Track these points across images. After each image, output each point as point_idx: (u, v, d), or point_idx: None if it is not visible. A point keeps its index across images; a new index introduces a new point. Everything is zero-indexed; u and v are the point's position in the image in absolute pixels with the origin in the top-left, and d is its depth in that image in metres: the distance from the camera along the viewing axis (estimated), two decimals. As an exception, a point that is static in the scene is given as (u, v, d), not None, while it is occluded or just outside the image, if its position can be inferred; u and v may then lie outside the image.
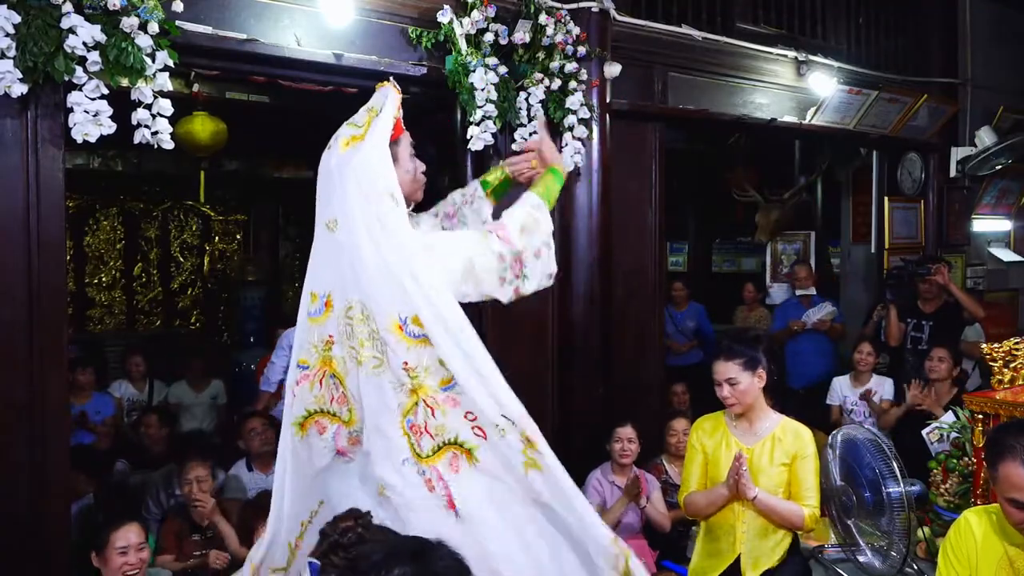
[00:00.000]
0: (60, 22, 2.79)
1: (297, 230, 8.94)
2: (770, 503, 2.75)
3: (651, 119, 4.63)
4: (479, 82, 3.74)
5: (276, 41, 3.47)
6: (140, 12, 2.89)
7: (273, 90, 5.05)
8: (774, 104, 5.30)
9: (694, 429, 3.02)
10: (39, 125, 2.92)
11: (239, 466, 4.14)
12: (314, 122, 6.48)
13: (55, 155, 2.96)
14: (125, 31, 2.87)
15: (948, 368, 4.44)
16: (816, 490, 2.82)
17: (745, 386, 2.79)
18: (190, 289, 8.27)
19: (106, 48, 2.86)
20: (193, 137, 4.99)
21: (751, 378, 2.80)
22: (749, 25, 5.22)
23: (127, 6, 2.87)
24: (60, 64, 2.80)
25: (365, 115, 2.22)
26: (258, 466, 4.11)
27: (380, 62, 3.73)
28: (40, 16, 2.77)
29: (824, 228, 7.19)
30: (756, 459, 2.82)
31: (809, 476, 2.81)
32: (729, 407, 2.86)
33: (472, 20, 3.76)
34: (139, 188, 7.88)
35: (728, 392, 2.80)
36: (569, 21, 4.04)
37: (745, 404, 2.82)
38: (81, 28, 2.81)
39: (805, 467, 2.81)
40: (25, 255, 2.92)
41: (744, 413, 2.86)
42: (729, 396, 2.80)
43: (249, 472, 4.10)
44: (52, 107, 2.92)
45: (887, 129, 5.90)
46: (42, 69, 2.79)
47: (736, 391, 2.79)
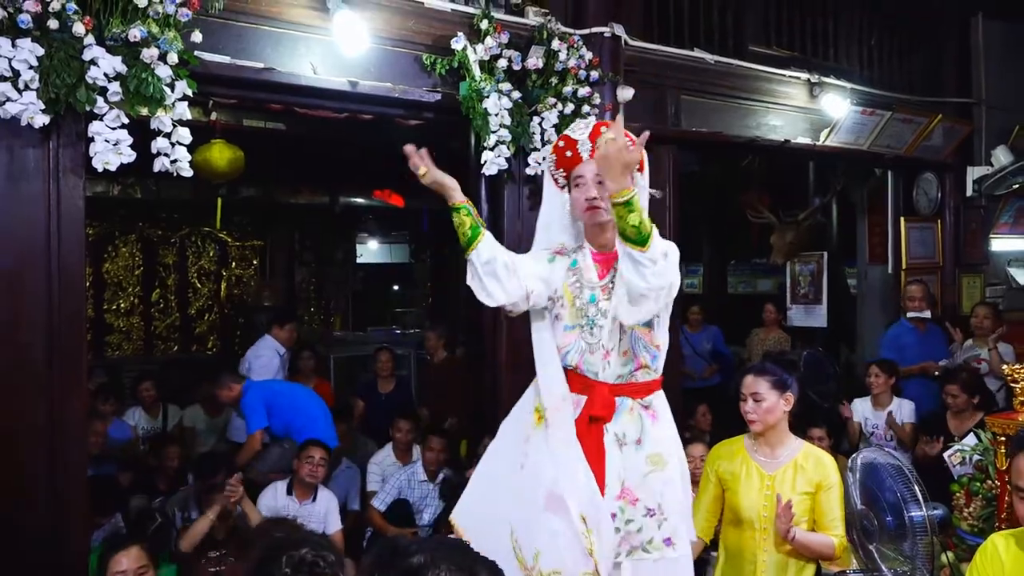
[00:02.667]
0: (82, 54, 2.85)
1: (313, 255, 9.02)
2: (805, 540, 2.69)
3: (665, 142, 4.65)
4: (493, 107, 3.77)
5: (292, 69, 3.52)
6: (160, 43, 2.94)
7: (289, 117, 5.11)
8: (787, 126, 5.31)
9: (711, 456, 2.95)
10: (60, 154, 2.97)
11: (276, 487, 4.11)
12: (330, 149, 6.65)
13: (76, 184, 3.01)
14: (145, 62, 2.92)
15: (964, 400, 4.39)
16: (841, 518, 2.77)
17: (769, 405, 2.74)
18: (207, 314, 8.34)
19: (126, 78, 2.91)
20: (211, 164, 5.05)
21: (778, 399, 2.75)
22: (761, 48, 5.25)
23: (147, 37, 2.92)
24: (82, 95, 2.85)
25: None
26: (298, 493, 4.09)
27: (395, 89, 3.77)
28: (63, 48, 2.83)
29: (839, 249, 7.15)
30: (778, 486, 2.75)
31: (835, 506, 2.76)
32: (749, 423, 2.79)
33: (486, 47, 3.80)
34: (157, 215, 7.99)
35: (751, 408, 2.75)
36: (582, 46, 4.07)
37: (766, 424, 2.76)
38: (102, 59, 2.86)
39: (831, 497, 2.75)
40: (46, 281, 2.96)
41: (764, 435, 2.80)
42: (751, 412, 2.75)
43: (287, 496, 4.08)
44: (74, 137, 2.97)
45: (902, 149, 5.88)
46: (64, 100, 2.84)
47: (760, 408, 2.73)
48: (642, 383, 2.31)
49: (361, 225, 9.47)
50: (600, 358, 2.27)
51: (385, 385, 5.72)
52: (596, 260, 2.33)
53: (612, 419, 2.27)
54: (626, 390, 2.29)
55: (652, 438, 2.29)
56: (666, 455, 2.30)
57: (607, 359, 2.27)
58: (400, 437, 4.66)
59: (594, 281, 2.30)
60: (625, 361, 2.28)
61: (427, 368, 6.30)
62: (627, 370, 2.29)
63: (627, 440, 2.27)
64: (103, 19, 2.91)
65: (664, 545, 2.26)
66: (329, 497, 4.17)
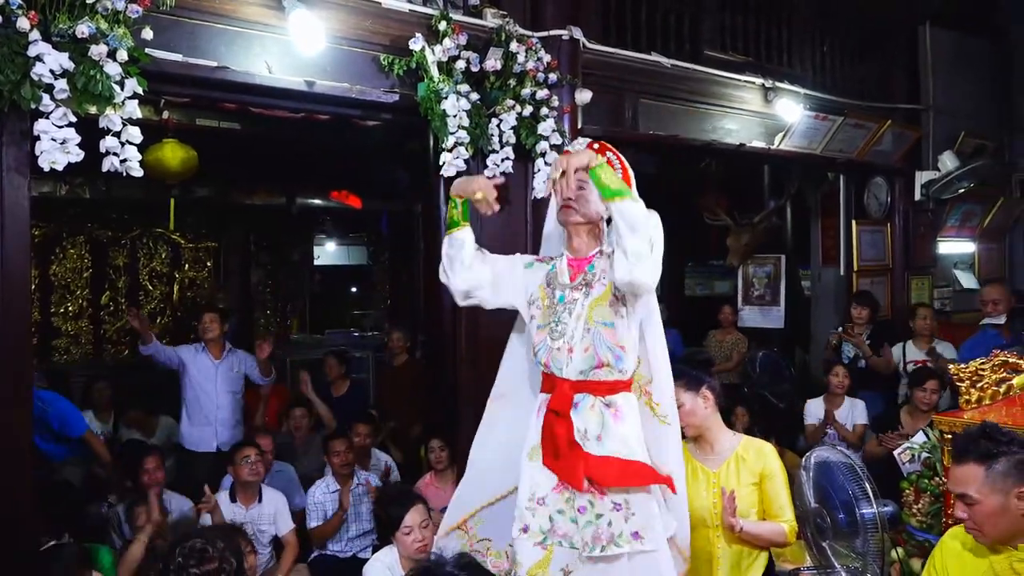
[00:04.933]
0: (27, 49, 2.77)
1: (269, 257, 8.89)
2: (754, 531, 2.75)
3: (622, 145, 4.65)
4: (451, 109, 3.77)
5: (247, 68, 3.47)
6: (109, 40, 2.88)
7: (244, 117, 5.05)
8: (743, 130, 5.40)
9: None
10: (4, 153, 2.89)
11: (220, 497, 4.02)
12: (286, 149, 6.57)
13: (20, 183, 2.93)
14: (94, 59, 2.86)
15: (936, 400, 4.50)
16: (789, 504, 2.83)
17: (689, 407, 2.78)
18: (159, 318, 8.16)
19: (74, 76, 2.84)
20: (163, 164, 4.95)
21: (695, 398, 2.80)
22: (717, 52, 5.33)
23: (96, 34, 2.86)
24: (27, 92, 2.77)
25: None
26: (242, 498, 4.02)
27: (352, 89, 3.75)
28: (6, 44, 2.75)
29: (794, 251, 7.30)
30: (724, 481, 2.81)
31: (781, 492, 2.82)
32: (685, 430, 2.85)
33: (444, 48, 3.80)
34: (107, 216, 7.79)
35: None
36: (540, 49, 4.10)
37: (694, 426, 2.81)
38: (48, 56, 2.79)
39: (775, 484, 2.82)
40: (-11, 285, 2.87)
41: (700, 436, 2.86)
42: (681, 418, 2.80)
43: (232, 504, 4.00)
44: (18, 135, 2.89)
45: (853, 154, 6.02)
46: (8, 97, 2.77)
47: (681, 413, 2.74)
48: (604, 382, 2.39)
49: (318, 226, 9.36)
50: (564, 354, 2.38)
51: (337, 389, 5.67)
52: (570, 264, 2.48)
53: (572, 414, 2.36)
54: (587, 387, 2.38)
55: (614, 435, 2.36)
56: (627, 454, 2.37)
57: (570, 355, 2.37)
58: (357, 441, 4.61)
59: (565, 282, 2.45)
60: (586, 358, 2.37)
61: (386, 371, 6.26)
62: (588, 367, 2.37)
63: (588, 436, 2.35)
64: (49, 14, 2.84)
65: (632, 539, 2.33)
66: (275, 496, 4.12)
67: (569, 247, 2.50)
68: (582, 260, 2.46)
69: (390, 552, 3.13)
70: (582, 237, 2.47)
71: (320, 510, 4.16)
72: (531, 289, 2.50)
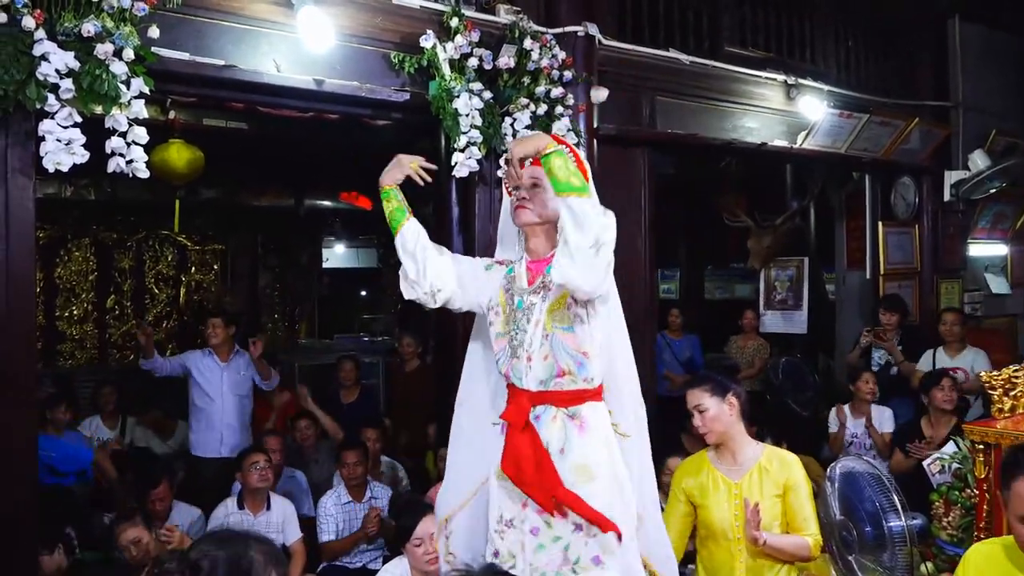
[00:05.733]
0: (32, 49, 2.80)
1: (276, 260, 8.94)
2: (778, 544, 2.73)
3: (639, 144, 4.68)
4: (463, 108, 3.77)
5: (255, 67, 3.49)
6: (115, 39, 2.91)
7: (252, 117, 5.08)
8: (764, 128, 5.37)
9: (677, 474, 3.00)
10: (9, 154, 2.91)
11: (227, 504, 4.05)
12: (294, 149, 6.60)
13: (25, 185, 2.95)
14: (99, 58, 2.88)
15: (956, 397, 4.48)
16: (814, 516, 2.82)
17: (714, 413, 2.81)
18: (165, 322, 8.22)
19: (79, 75, 2.87)
20: (169, 165, 4.99)
21: (720, 404, 2.81)
22: (737, 48, 5.31)
23: (102, 33, 2.89)
24: (32, 92, 2.80)
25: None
26: (250, 505, 4.03)
27: (362, 88, 3.76)
28: (11, 43, 2.78)
29: (818, 254, 7.25)
30: (746, 493, 2.80)
31: (805, 504, 2.80)
32: (704, 437, 2.87)
33: (456, 45, 3.80)
34: (113, 218, 7.86)
35: (699, 420, 2.83)
36: (555, 46, 4.09)
37: (717, 432, 2.83)
38: (54, 55, 2.82)
39: (799, 496, 2.80)
40: (-7, 288, 2.90)
41: (723, 443, 2.86)
42: (700, 425, 2.83)
43: (240, 511, 4.02)
44: (23, 136, 2.92)
45: (879, 153, 5.98)
46: (13, 97, 2.80)
47: (705, 418, 2.81)
48: (567, 392, 2.29)
49: (327, 228, 9.40)
50: (524, 363, 2.30)
51: (348, 395, 5.68)
52: (528, 267, 2.39)
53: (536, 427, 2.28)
54: (549, 398, 2.29)
55: (577, 449, 2.26)
56: (594, 467, 2.27)
57: (529, 363, 2.29)
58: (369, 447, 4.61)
59: (523, 287, 2.36)
60: (546, 367, 2.27)
61: (396, 377, 6.26)
62: (548, 376, 2.28)
63: (551, 449, 2.26)
64: (55, 13, 2.87)
65: (593, 565, 2.23)
66: (284, 504, 4.13)
67: (526, 248, 2.41)
68: (540, 262, 2.36)
69: (400, 563, 3.13)
70: (539, 238, 2.37)
71: (332, 522, 4.16)
72: (490, 293, 2.41)
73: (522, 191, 2.31)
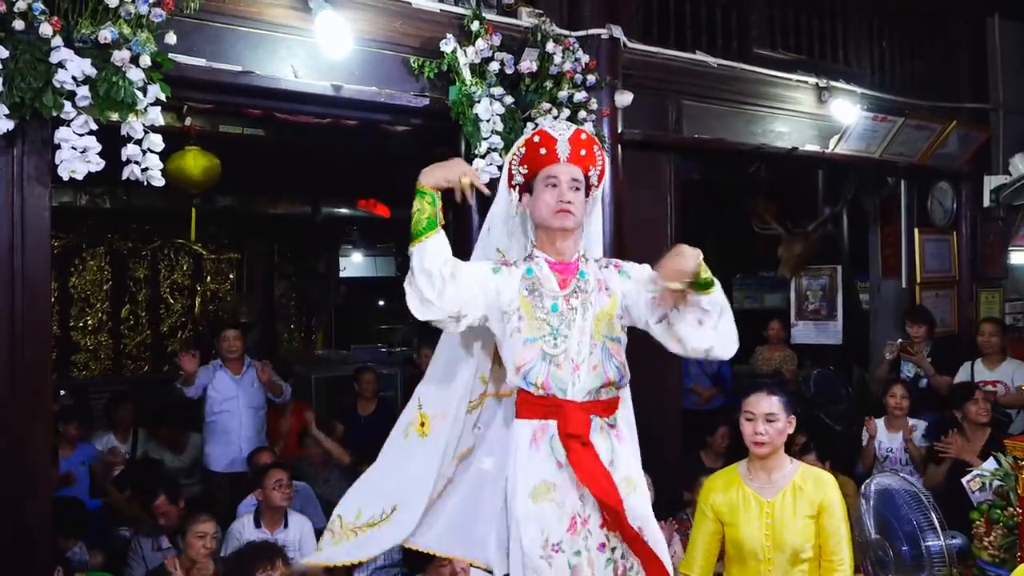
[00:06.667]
0: (49, 56, 2.86)
1: (293, 269, 9.01)
2: None
3: (665, 149, 4.68)
4: (484, 113, 3.79)
5: (272, 73, 3.53)
6: (132, 45, 2.96)
7: (269, 123, 5.13)
8: (795, 132, 5.35)
9: (705, 489, 2.92)
10: (25, 162, 2.97)
11: (244, 521, 4.07)
12: (311, 156, 6.66)
13: (41, 193, 3.01)
14: (116, 64, 2.93)
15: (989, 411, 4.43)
16: (847, 539, 2.77)
17: (782, 426, 2.74)
18: (180, 332, 8.30)
19: (96, 82, 2.92)
20: (185, 173, 5.05)
21: (785, 421, 2.77)
22: (766, 50, 5.29)
23: (118, 39, 2.94)
24: (48, 99, 2.86)
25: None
26: (267, 523, 4.05)
27: (380, 93, 3.79)
28: (28, 50, 2.83)
29: (852, 262, 7.19)
30: (779, 513, 2.74)
31: (840, 527, 2.76)
32: (756, 446, 2.77)
33: (476, 49, 3.83)
34: (128, 226, 7.96)
35: (764, 429, 2.73)
36: (578, 49, 4.10)
37: (776, 448, 2.77)
38: (71, 62, 2.87)
39: (834, 518, 2.75)
40: (8, 296, 2.95)
41: (765, 460, 2.81)
42: (763, 434, 2.73)
43: (256, 528, 4.03)
44: (39, 143, 2.98)
45: (915, 157, 5.93)
46: (30, 105, 2.85)
47: (772, 430, 2.73)
48: (607, 400, 2.31)
49: (345, 236, 9.47)
50: (569, 372, 2.24)
51: (366, 407, 5.70)
52: (555, 269, 2.31)
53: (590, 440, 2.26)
54: (595, 408, 2.28)
55: (622, 460, 2.30)
56: (636, 477, 2.32)
57: (576, 372, 2.25)
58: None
59: (556, 291, 2.29)
60: (595, 376, 2.26)
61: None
62: (596, 386, 2.27)
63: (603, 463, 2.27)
64: (72, 20, 2.92)
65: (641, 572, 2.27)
66: (301, 521, 4.14)
67: (550, 250, 2.32)
68: (568, 265, 2.32)
69: None
70: (569, 241, 2.33)
71: None
72: (508, 297, 2.28)
73: (566, 194, 2.27)
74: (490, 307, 2.28)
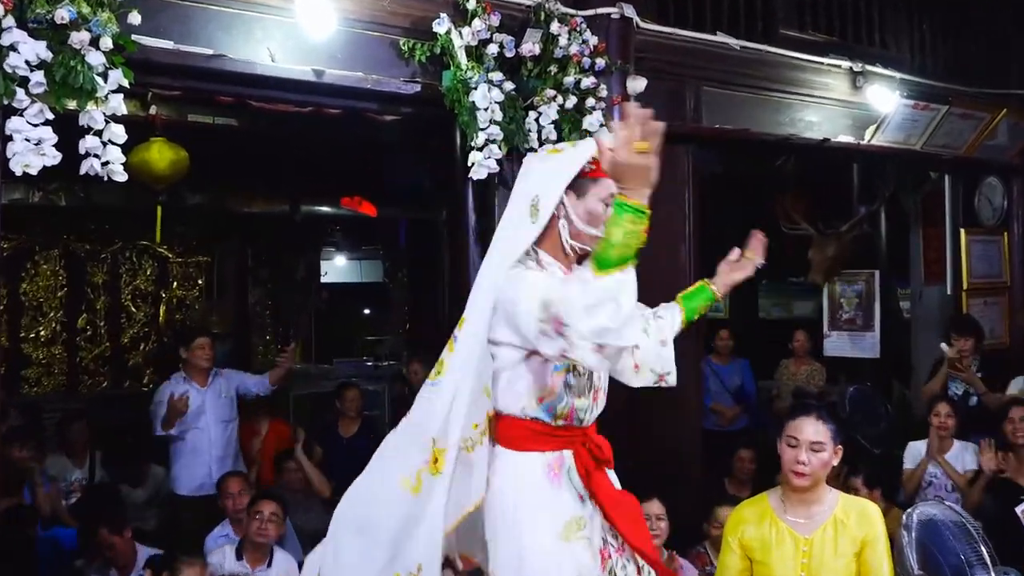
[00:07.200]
0: (0, 38, 2.86)
1: (269, 273, 9.01)
2: None
3: (683, 141, 4.69)
4: (482, 101, 3.80)
5: (247, 56, 3.55)
6: (92, 26, 2.97)
7: (243, 112, 5.13)
8: (826, 122, 5.36)
9: (732, 521, 2.91)
10: (-28, 156, 2.98)
11: (224, 552, 4.08)
12: (290, 148, 6.67)
13: (-10, 190, 3.02)
14: (74, 47, 2.95)
15: None
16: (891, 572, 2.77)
17: (827, 458, 2.72)
18: (143, 344, 8.29)
19: (52, 67, 2.93)
20: (149, 167, 5.06)
21: (832, 450, 2.75)
22: (795, 32, 5.31)
23: (77, 19, 2.95)
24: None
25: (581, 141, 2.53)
26: (250, 557, 4.06)
27: (367, 79, 3.80)
28: (-23, 32, 2.85)
29: (890, 266, 7.20)
30: (817, 551, 2.72)
31: (883, 563, 2.74)
32: (796, 477, 2.74)
33: (473, 30, 3.84)
34: (86, 226, 7.96)
35: (807, 459, 2.70)
36: (585, 30, 4.12)
37: (816, 480, 2.75)
38: (24, 45, 2.88)
39: (875, 552, 2.74)
40: (-47, 306, 2.96)
41: (806, 492, 2.78)
42: (806, 464, 2.70)
43: (237, 561, 4.05)
44: (-12, 135, 2.99)
45: (960, 149, 5.95)
46: (-22, 92, 2.86)
47: (817, 460, 2.70)
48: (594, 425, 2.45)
49: (326, 238, 9.47)
50: (591, 400, 2.36)
51: (348, 427, 5.70)
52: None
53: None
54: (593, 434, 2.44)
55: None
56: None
57: (595, 401, 2.38)
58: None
59: None
60: (602, 402, 2.43)
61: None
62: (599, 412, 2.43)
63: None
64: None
65: None
66: (287, 561, 4.14)
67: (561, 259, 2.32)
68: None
69: None
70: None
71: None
72: None
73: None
74: None
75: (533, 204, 2.28)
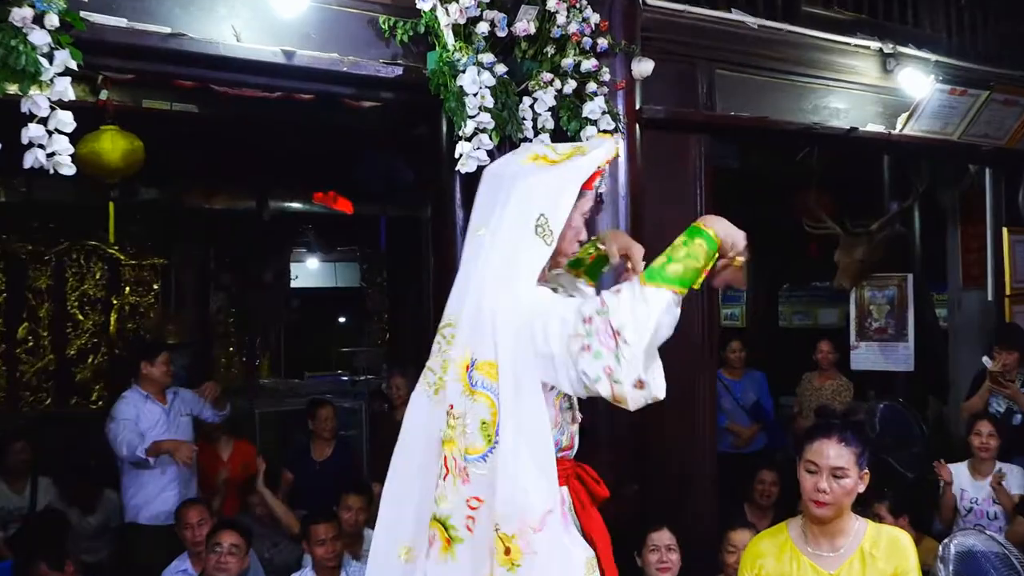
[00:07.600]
0: (-68, 15, 2.87)
1: (233, 278, 9.00)
2: None
3: (694, 129, 4.70)
4: (470, 85, 3.80)
5: (209, 36, 3.55)
6: (35, 1, 2.96)
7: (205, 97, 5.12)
8: (854, 109, 5.38)
9: (750, 553, 2.91)
10: (-99, 146, 2.98)
11: None
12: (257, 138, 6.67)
13: (-79, 184, 3.02)
14: (15, 25, 2.94)
15: None
16: None
17: (851, 485, 2.71)
18: (91, 356, 8.28)
19: (-10, 47, 2.93)
20: (100, 158, 5.05)
21: (857, 476, 2.74)
22: (819, 9, 5.34)
23: (18, -6, 2.95)
24: (-69, 68, 2.87)
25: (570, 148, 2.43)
26: None
27: (342, 61, 3.81)
28: (-94, 8, 2.85)
29: (925, 269, 7.23)
30: (843, 587, 2.73)
31: None
32: (817, 506, 2.73)
33: (461, 6, 3.84)
34: (28, 225, 7.95)
35: (827, 486, 2.69)
36: (586, 6, 4.12)
37: (839, 508, 2.74)
38: (-41, 22, 2.88)
39: None
40: None
41: (829, 522, 2.78)
42: (826, 492, 2.68)
43: None
44: (-81, 123, 2.99)
45: (1003, 140, 5.97)
46: (-93, 75, 2.86)
47: (839, 488, 2.69)
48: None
49: (297, 238, 9.48)
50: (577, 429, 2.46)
51: (321, 450, 5.70)
52: None
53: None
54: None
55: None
56: None
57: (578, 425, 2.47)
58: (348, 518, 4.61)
59: None
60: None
61: (384, 427, 6.28)
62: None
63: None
64: (-39, -30, 2.93)
65: None
66: None
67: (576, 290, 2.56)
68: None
69: None
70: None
71: None
72: None
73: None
74: None
75: (540, 224, 2.26)
